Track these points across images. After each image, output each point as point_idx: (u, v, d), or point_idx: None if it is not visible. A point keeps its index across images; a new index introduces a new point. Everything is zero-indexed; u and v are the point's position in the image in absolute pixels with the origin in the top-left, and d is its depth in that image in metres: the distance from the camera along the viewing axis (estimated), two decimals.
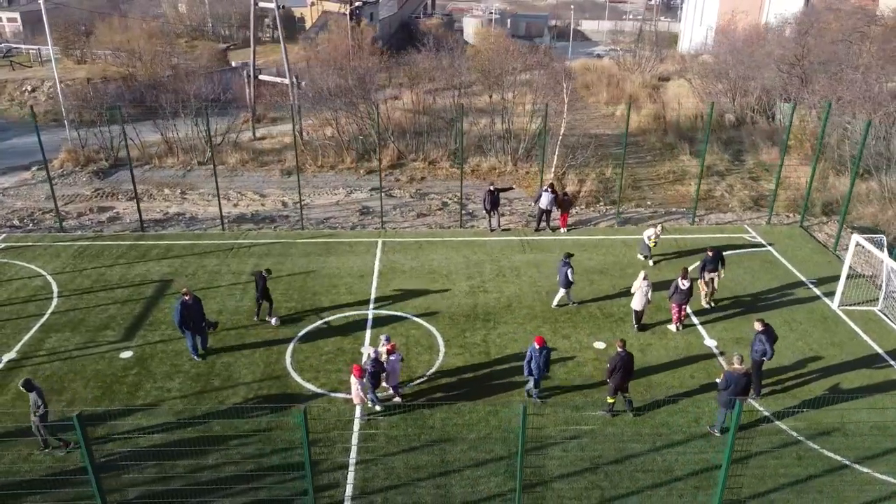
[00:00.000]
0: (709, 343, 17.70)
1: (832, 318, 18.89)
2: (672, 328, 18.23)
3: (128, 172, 31.89)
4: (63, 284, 20.46)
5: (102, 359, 16.96)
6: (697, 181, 26.02)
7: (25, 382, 13.49)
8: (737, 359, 14.01)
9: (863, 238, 18.76)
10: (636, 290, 17.93)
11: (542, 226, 24.46)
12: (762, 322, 15.18)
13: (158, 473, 13.30)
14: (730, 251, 22.24)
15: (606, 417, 14.92)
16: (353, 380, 14.40)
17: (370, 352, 15.52)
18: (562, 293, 19.10)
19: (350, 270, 21.36)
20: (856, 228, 24.38)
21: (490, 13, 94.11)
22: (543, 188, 24.26)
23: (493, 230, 24.29)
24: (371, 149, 33.94)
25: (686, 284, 17.44)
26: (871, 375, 16.47)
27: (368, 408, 15.07)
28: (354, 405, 14.93)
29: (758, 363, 15.17)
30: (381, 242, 23.43)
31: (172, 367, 16.63)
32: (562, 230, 24.48)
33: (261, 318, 18.58)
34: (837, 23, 35.58)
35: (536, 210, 24.68)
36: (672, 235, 24.00)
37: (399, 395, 15.50)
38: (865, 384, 16.12)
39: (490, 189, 23.82)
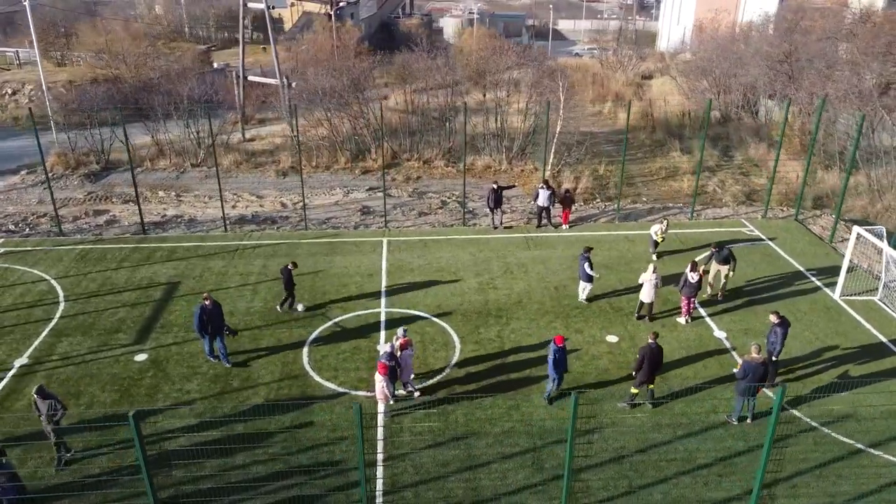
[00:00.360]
0: (718, 335, 18.07)
1: (834, 308, 19.38)
2: (681, 321, 18.57)
3: (119, 175, 31.86)
4: (69, 288, 20.24)
5: (117, 362, 16.84)
6: (696, 176, 26.49)
7: (39, 390, 13.27)
8: (754, 348, 14.35)
9: (863, 230, 19.24)
10: (645, 282, 18.25)
11: (544, 223, 24.71)
12: (777, 314, 15.55)
13: (189, 473, 13.27)
14: (730, 245, 22.62)
15: (626, 409, 15.17)
16: (378, 377, 14.48)
17: (386, 347, 15.63)
18: (588, 287, 19.35)
19: (358, 270, 21.41)
20: (848, 221, 25.00)
21: (470, 13, 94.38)
22: (540, 185, 24.51)
23: (496, 228, 24.48)
24: (365, 149, 33.99)
25: (695, 277, 17.79)
26: (877, 363, 16.95)
27: (391, 405, 15.17)
28: (376, 402, 15.01)
29: (775, 354, 15.52)
30: (387, 241, 23.50)
31: (189, 369, 16.56)
32: (564, 227, 24.75)
33: (284, 310, 18.85)
34: (823, 20, 36.37)
35: (536, 208, 24.92)
36: (672, 231, 24.36)
37: (410, 390, 15.59)
38: (872, 371, 16.59)
39: (494, 187, 24.01)
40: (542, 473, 13.52)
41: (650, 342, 14.72)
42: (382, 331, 18.14)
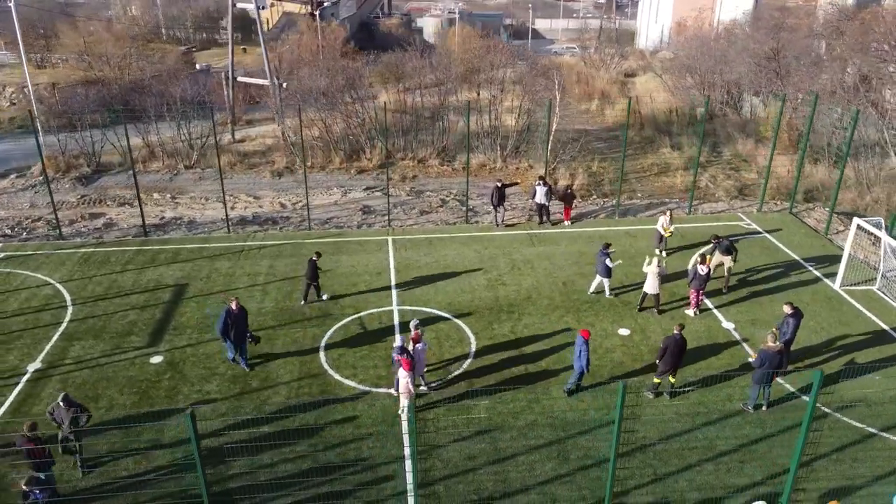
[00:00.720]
0: (727, 326, 18.46)
1: (835, 298, 19.89)
2: (690, 313, 18.94)
3: (112, 178, 31.58)
4: (75, 292, 20.05)
5: (133, 364, 16.75)
6: (694, 171, 26.93)
7: (65, 398, 13.15)
8: (770, 337, 14.71)
9: (863, 221, 19.77)
10: (649, 274, 18.59)
11: (544, 219, 24.95)
12: (791, 305, 15.95)
13: (217, 473, 13.29)
14: (730, 238, 23.08)
15: (648, 398, 15.45)
16: (402, 372, 14.58)
17: (397, 340, 15.77)
18: (606, 281, 19.67)
19: (366, 268, 21.49)
20: (840, 214, 25.62)
21: (450, 12, 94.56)
22: (537, 182, 24.76)
23: (498, 225, 24.69)
24: (359, 149, 34.01)
25: (705, 270, 18.16)
26: (881, 349, 17.45)
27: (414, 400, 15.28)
28: (397, 397, 15.14)
29: (787, 343, 15.91)
30: (392, 240, 23.60)
31: (207, 371, 16.53)
32: (566, 223, 25.04)
33: (309, 301, 19.29)
34: (808, 19, 37.15)
35: (534, 205, 25.15)
36: (673, 225, 24.76)
37: (420, 385, 15.72)
38: (877, 358, 17.07)
39: (498, 185, 24.22)
40: (569, 464, 13.75)
41: (675, 332, 15.00)
42: (397, 328, 18.24)
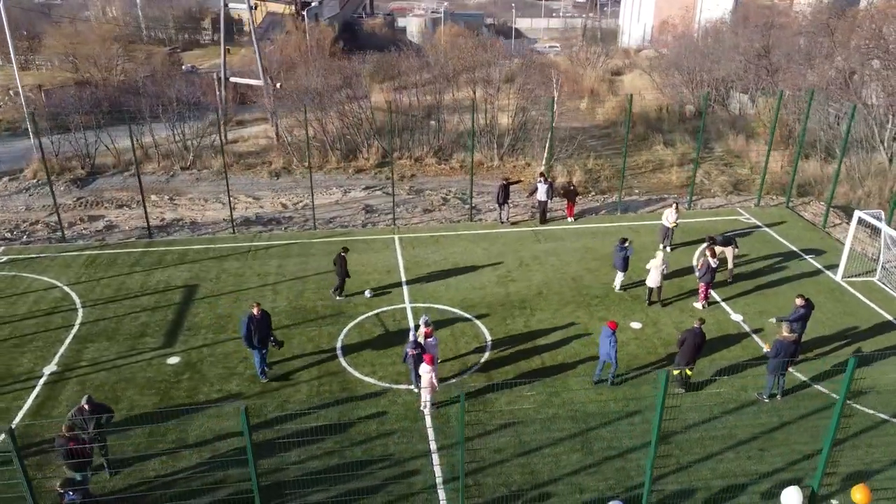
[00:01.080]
0: (735, 318, 18.81)
1: (838, 290, 20.34)
2: (698, 305, 19.27)
3: (107, 180, 31.35)
4: (84, 295, 19.91)
5: (150, 366, 16.71)
6: (694, 166, 27.41)
7: (89, 400, 13.05)
8: (786, 327, 15.06)
9: (864, 213, 20.25)
10: (652, 269, 18.91)
11: (548, 217, 25.17)
12: (803, 298, 16.31)
13: (246, 471, 13.32)
14: (730, 232, 23.52)
15: (680, 392, 15.64)
16: (426, 367, 14.70)
17: (410, 335, 15.95)
18: (621, 275, 19.97)
19: (375, 267, 21.57)
20: (834, 208, 26.14)
21: (434, 12, 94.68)
22: (538, 180, 24.99)
23: (503, 223, 24.88)
24: (355, 148, 34.03)
25: (716, 263, 18.51)
26: (886, 338, 17.91)
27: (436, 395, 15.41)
28: (418, 392, 15.28)
29: (798, 334, 16.28)
30: (398, 239, 23.70)
31: (226, 370, 16.54)
32: (569, 220, 25.29)
33: (340, 297, 19.62)
34: (799, 18, 37.84)
35: (536, 203, 25.37)
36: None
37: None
38: (883, 346, 17.51)
39: (503, 183, 24.42)
40: (593, 456, 13.97)
41: (695, 326, 15.27)
42: (412, 326, 18.34)
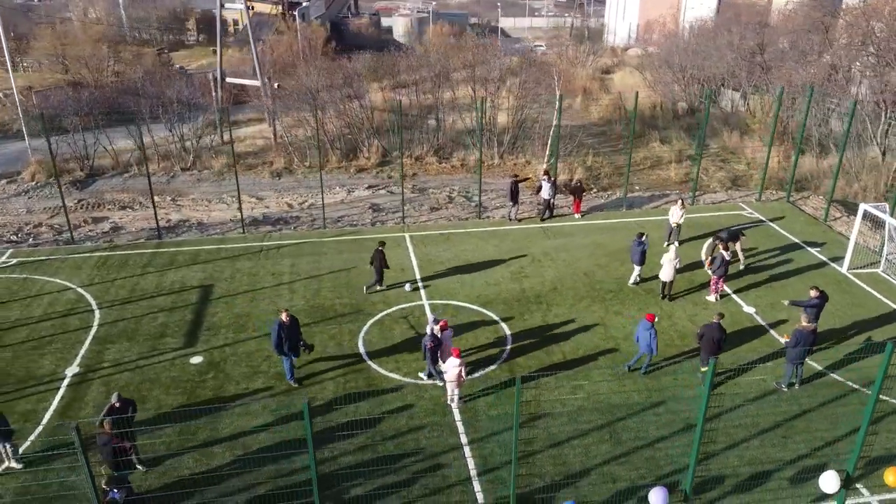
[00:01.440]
0: (748, 310, 19.18)
1: (844, 281, 20.79)
2: (711, 298, 19.61)
3: (107, 182, 31.22)
4: (99, 296, 19.84)
5: (173, 365, 16.71)
6: (697, 162, 27.82)
7: (119, 397, 13.07)
8: (804, 317, 15.42)
9: (870, 206, 20.71)
10: (666, 263, 19.23)
11: (546, 215, 25.34)
12: (817, 289, 16.69)
13: (279, 467, 13.43)
14: (735, 226, 23.90)
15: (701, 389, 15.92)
16: (454, 361, 14.85)
17: (428, 328, 16.16)
18: (638, 269, 20.28)
19: (389, 264, 21.64)
20: (833, 202, 26.67)
21: (419, 11, 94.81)
22: (542, 178, 25.23)
23: (512, 220, 25.10)
24: (356, 147, 34.09)
25: (729, 256, 18.87)
26: (894, 328, 18.35)
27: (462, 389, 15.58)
28: (443, 386, 15.44)
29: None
30: (409, 237, 23.84)
31: (249, 369, 16.59)
32: (576, 216, 25.57)
33: (373, 290, 19.98)
34: (793, 17, 38.48)
35: (541, 201, 25.60)
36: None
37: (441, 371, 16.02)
38: (892, 335, 17.94)
39: (514, 180, 24.65)
40: (622, 446, 14.22)
41: (714, 321, 15.58)
42: (430, 321, 18.41)
